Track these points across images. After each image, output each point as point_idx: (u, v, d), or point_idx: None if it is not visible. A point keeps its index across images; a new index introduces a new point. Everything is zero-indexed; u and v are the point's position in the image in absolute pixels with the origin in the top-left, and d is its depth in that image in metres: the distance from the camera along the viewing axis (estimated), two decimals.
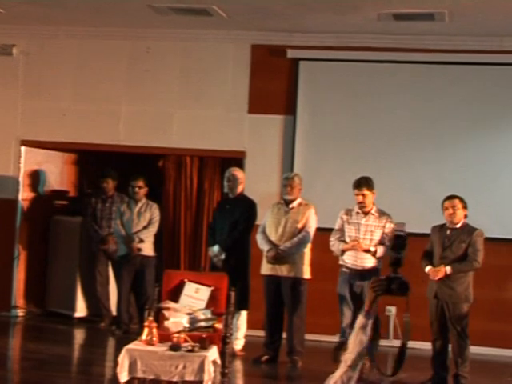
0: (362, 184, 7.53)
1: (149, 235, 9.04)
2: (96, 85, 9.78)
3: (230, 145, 9.51)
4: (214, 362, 6.13)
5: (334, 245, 7.64)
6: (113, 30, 9.62)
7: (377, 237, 7.49)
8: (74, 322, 9.68)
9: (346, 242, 7.57)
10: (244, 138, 9.51)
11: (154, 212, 9.10)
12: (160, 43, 9.68)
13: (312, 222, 7.95)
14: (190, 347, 6.00)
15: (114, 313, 9.41)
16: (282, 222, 7.92)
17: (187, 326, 6.52)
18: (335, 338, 7.82)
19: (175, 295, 7.01)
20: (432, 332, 7.25)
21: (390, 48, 9.13)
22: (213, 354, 6.11)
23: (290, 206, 7.97)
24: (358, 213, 7.58)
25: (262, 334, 8.16)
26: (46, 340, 8.74)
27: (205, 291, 7.02)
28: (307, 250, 7.94)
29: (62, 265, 9.98)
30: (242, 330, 8.28)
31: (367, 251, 7.44)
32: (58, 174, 10.66)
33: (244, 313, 8.24)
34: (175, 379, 5.94)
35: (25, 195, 10.03)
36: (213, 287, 7.05)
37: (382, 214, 7.57)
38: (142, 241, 8.97)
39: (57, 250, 10.06)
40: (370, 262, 7.46)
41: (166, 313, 6.74)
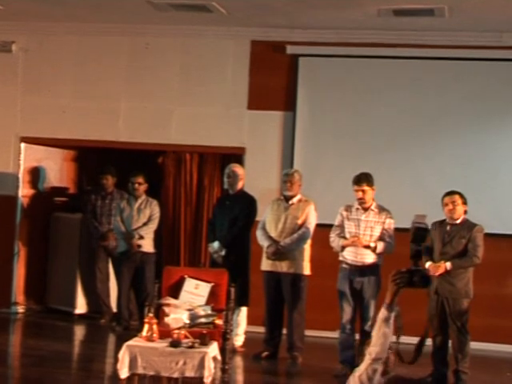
0: (362, 180, 7.52)
1: (149, 232, 9.04)
2: (95, 81, 9.77)
3: (229, 141, 9.50)
4: (215, 358, 6.13)
5: (334, 241, 7.63)
6: (112, 26, 9.61)
7: (377, 233, 7.49)
8: (74, 319, 9.68)
9: (345, 238, 7.56)
10: (244, 135, 9.51)
11: (153, 208, 9.10)
12: (159, 39, 9.67)
13: (312, 218, 7.95)
14: (190, 343, 6.01)
15: (114, 309, 9.42)
16: (282, 218, 7.92)
17: (187, 322, 6.52)
18: (335, 334, 7.82)
19: (175, 291, 7.02)
20: (432, 328, 7.25)
21: (389, 44, 9.12)
22: (213, 350, 6.11)
23: (290, 202, 7.97)
24: (357, 209, 7.57)
25: (262, 330, 8.17)
26: (46, 337, 8.74)
27: (205, 287, 7.03)
28: (307, 246, 7.95)
29: (61, 261, 9.98)
30: (242, 326, 8.28)
31: (367, 247, 7.43)
32: (58, 170, 10.66)
33: (244, 309, 8.24)
34: (175, 375, 5.95)
35: (25, 192, 10.03)
36: (213, 283, 7.06)
37: (381, 209, 7.57)
38: (141, 237, 8.96)
39: (57, 247, 10.06)
40: (370, 258, 7.46)
41: (166, 309, 6.74)
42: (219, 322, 6.66)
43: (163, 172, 10.38)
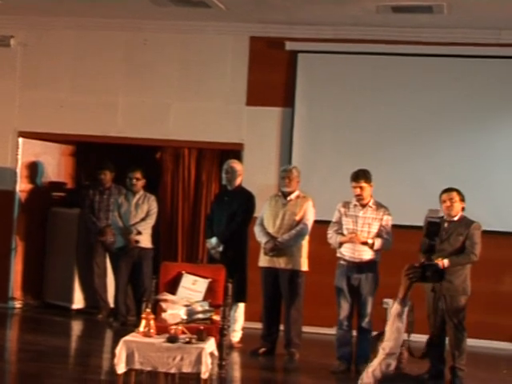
0: (360, 176, 7.52)
1: (146, 227, 9.04)
2: (94, 76, 9.76)
3: (228, 137, 9.50)
4: (212, 354, 6.13)
5: (332, 237, 7.63)
6: (111, 21, 9.59)
7: (374, 229, 7.49)
8: (72, 314, 9.68)
9: (343, 235, 7.56)
10: (242, 130, 9.50)
11: (151, 204, 9.09)
12: (158, 35, 9.66)
13: (310, 214, 7.95)
14: (187, 339, 6.00)
15: (112, 305, 9.42)
16: (280, 214, 7.92)
17: (185, 317, 6.52)
18: (332, 331, 7.83)
19: (173, 287, 7.01)
20: (429, 325, 7.26)
21: (388, 40, 9.11)
22: (210, 345, 6.11)
23: (288, 199, 7.97)
24: (355, 205, 7.57)
25: (259, 326, 8.17)
26: (43, 332, 8.74)
27: (202, 283, 7.02)
28: (305, 243, 7.95)
29: (59, 256, 9.97)
30: (239, 322, 8.28)
31: (365, 243, 7.44)
32: (56, 165, 10.65)
33: (241, 305, 8.24)
34: (172, 371, 5.96)
35: (22, 187, 10.02)
36: (210, 279, 7.05)
37: (379, 206, 7.57)
38: (139, 233, 8.96)
39: (54, 242, 10.05)
40: (367, 255, 7.46)
41: (164, 305, 6.74)
42: (216, 317, 6.66)
43: (161, 167, 10.38)
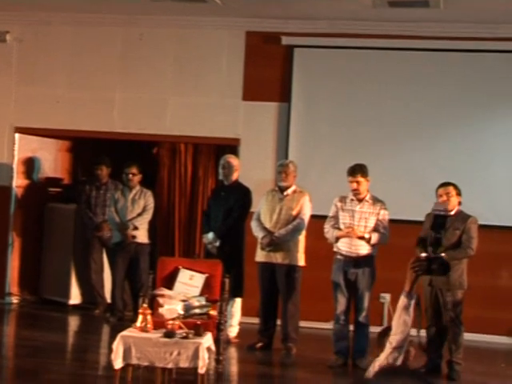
0: (357, 171, 7.52)
1: (143, 222, 9.03)
2: (90, 72, 9.75)
3: (224, 132, 9.49)
4: (209, 349, 6.13)
5: (329, 232, 7.63)
6: (107, 16, 9.58)
7: (371, 224, 7.49)
8: (69, 310, 9.68)
9: (340, 229, 7.56)
10: (238, 125, 9.49)
11: (148, 199, 9.09)
12: (154, 30, 9.64)
13: (306, 209, 7.95)
14: (184, 334, 6.00)
15: (109, 300, 9.41)
16: (277, 209, 7.92)
17: (182, 312, 6.52)
18: (329, 325, 7.83)
19: (170, 282, 7.01)
20: (426, 319, 7.27)
21: (384, 35, 9.11)
22: (207, 340, 6.11)
23: (285, 193, 7.96)
24: (352, 200, 7.57)
25: (256, 321, 8.17)
26: (40, 327, 8.74)
27: (199, 278, 7.02)
28: (302, 238, 7.95)
29: (56, 252, 9.96)
30: (236, 317, 8.29)
31: (362, 238, 7.43)
32: (52, 161, 10.64)
33: (238, 300, 8.25)
34: (170, 366, 5.96)
35: (19, 182, 10.01)
36: (207, 274, 7.05)
37: (376, 200, 7.56)
38: (136, 228, 8.96)
39: (51, 238, 10.04)
40: (364, 249, 7.46)
41: (161, 300, 6.74)
42: (213, 312, 6.66)
43: (158, 163, 10.37)
